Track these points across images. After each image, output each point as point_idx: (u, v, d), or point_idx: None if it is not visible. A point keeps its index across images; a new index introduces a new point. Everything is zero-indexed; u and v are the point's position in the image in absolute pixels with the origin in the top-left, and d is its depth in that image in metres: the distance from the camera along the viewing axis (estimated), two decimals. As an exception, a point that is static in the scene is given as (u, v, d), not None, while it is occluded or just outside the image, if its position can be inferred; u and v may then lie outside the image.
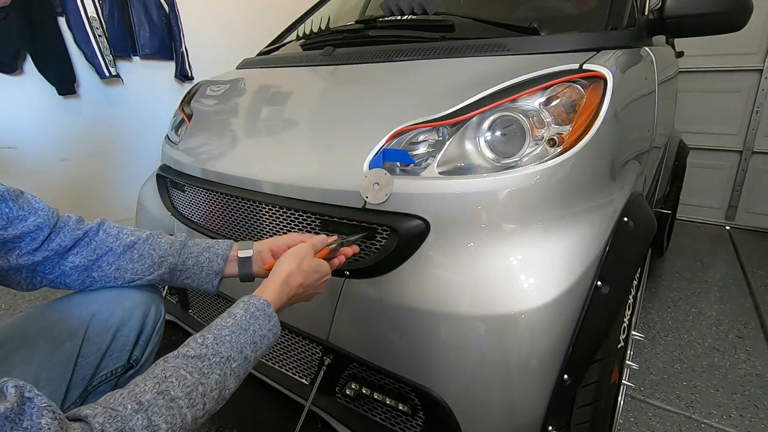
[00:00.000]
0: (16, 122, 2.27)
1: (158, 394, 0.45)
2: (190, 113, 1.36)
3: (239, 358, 0.53)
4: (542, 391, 0.74)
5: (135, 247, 0.71)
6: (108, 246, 0.69)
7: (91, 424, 0.39)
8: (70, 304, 0.70)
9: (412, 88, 0.98)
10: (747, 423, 1.29)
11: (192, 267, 0.74)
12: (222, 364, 0.51)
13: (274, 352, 1.04)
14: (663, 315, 1.90)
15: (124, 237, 0.71)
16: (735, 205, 3.00)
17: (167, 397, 0.45)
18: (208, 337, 0.52)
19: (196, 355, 0.50)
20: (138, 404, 0.43)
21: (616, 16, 1.06)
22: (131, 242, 0.71)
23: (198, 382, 0.48)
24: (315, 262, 0.68)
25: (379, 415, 0.89)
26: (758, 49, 2.73)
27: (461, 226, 0.76)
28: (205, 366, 0.50)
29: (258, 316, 0.57)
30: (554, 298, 0.71)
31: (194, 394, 0.48)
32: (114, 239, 0.70)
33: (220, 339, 0.53)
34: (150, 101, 2.77)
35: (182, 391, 0.47)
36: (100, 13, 2.38)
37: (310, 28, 1.45)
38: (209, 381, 0.49)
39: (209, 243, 0.76)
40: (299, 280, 0.64)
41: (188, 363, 0.49)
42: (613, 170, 0.89)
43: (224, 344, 0.53)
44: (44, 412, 0.36)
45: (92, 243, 0.68)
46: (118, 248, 0.70)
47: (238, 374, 0.54)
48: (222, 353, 0.52)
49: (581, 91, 0.82)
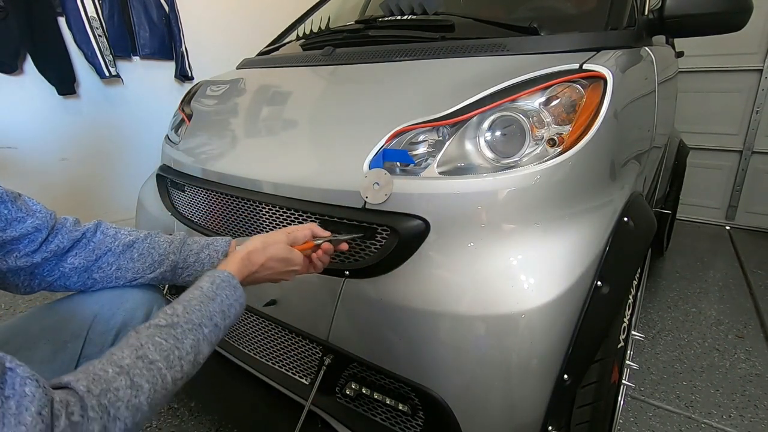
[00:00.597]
0: (16, 122, 2.27)
1: (137, 358, 0.47)
2: (190, 113, 1.36)
3: (210, 324, 0.56)
4: (542, 391, 0.74)
5: (134, 247, 0.71)
6: (107, 246, 0.69)
7: (75, 388, 0.40)
8: (71, 304, 0.70)
9: (412, 88, 0.98)
10: (747, 423, 1.29)
11: (193, 264, 0.74)
12: (194, 330, 0.54)
13: (274, 352, 1.04)
14: (663, 315, 1.90)
15: (123, 237, 0.71)
16: (735, 205, 3.00)
17: (146, 360, 0.47)
18: (178, 308, 0.55)
19: (168, 324, 0.52)
20: (119, 368, 0.45)
21: (616, 16, 1.06)
22: (130, 242, 0.71)
23: (174, 346, 0.50)
24: (285, 250, 0.69)
25: (379, 415, 0.89)
26: (758, 49, 2.73)
27: (461, 226, 0.76)
28: (178, 332, 0.52)
29: (224, 286, 0.60)
30: (554, 298, 0.71)
31: (171, 357, 0.50)
32: (112, 239, 0.70)
33: (190, 308, 0.55)
34: (150, 101, 2.77)
35: (160, 354, 0.49)
36: (100, 13, 2.38)
37: (310, 28, 1.45)
38: (184, 345, 0.52)
39: (208, 240, 0.77)
40: (261, 260, 0.66)
41: (161, 331, 0.51)
42: (613, 170, 0.89)
43: (194, 312, 0.55)
44: (27, 381, 0.36)
45: (90, 244, 0.68)
46: (117, 248, 0.70)
47: (211, 340, 0.56)
48: (193, 320, 0.54)
49: (581, 91, 0.82)
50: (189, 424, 1.25)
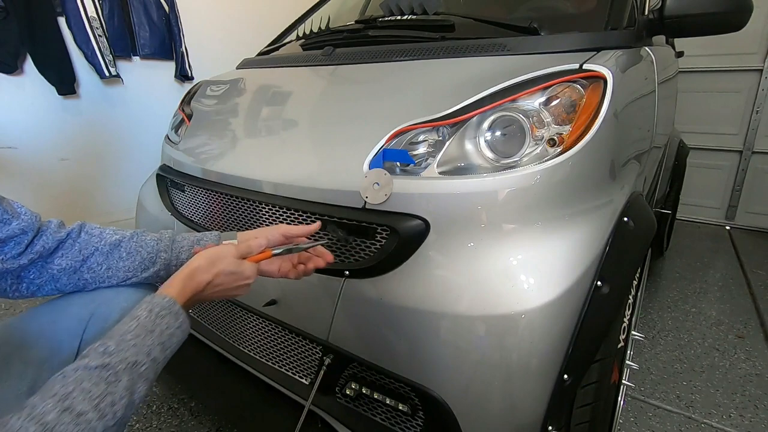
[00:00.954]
0: (16, 122, 2.27)
1: (62, 411, 0.42)
2: (190, 113, 1.36)
3: (147, 361, 0.51)
4: (542, 391, 0.74)
5: (121, 246, 0.71)
6: (93, 246, 0.69)
7: None
8: (67, 303, 0.70)
9: (412, 88, 0.98)
10: (747, 423, 1.29)
11: (186, 260, 0.74)
12: (129, 370, 0.49)
13: (274, 352, 1.04)
14: (663, 315, 1.90)
15: (108, 236, 0.71)
16: (735, 205, 3.00)
17: (73, 413, 0.42)
18: (110, 345, 0.49)
19: (99, 365, 0.47)
20: (42, 426, 0.40)
21: (616, 16, 1.06)
22: (116, 240, 0.71)
23: (105, 392, 0.46)
24: (233, 264, 0.65)
25: (379, 415, 0.89)
26: (758, 49, 2.73)
27: (461, 226, 0.76)
28: (110, 375, 0.47)
29: (163, 315, 0.55)
30: (554, 298, 0.71)
31: (102, 405, 0.45)
32: (98, 239, 0.70)
33: (124, 344, 0.50)
34: (150, 101, 2.77)
35: (89, 404, 0.44)
36: (100, 13, 2.38)
37: (310, 28, 1.45)
38: (117, 389, 0.47)
39: (197, 236, 0.77)
40: (206, 278, 0.62)
41: (91, 374, 0.46)
42: (613, 170, 0.89)
43: (129, 349, 0.50)
44: None
45: (76, 245, 0.68)
46: (104, 247, 0.70)
47: (148, 377, 0.51)
48: (128, 359, 0.49)
49: (581, 91, 0.82)
50: (189, 424, 1.25)
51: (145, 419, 1.26)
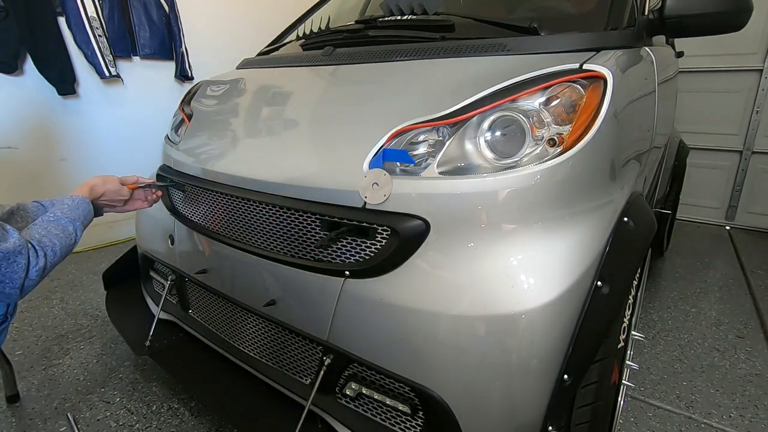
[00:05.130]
0: (16, 122, 2.27)
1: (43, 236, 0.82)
2: (190, 113, 1.36)
3: (80, 216, 0.92)
4: (542, 391, 0.74)
5: None
6: None
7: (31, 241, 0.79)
8: None
9: (412, 88, 0.98)
10: (747, 423, 1.30)
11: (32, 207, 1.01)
12: (73, 221, 0.89)
13: (274, 352, 1.04)
14: (663, 315, 1.90)
15: None
16: (735, 205, 3.00)
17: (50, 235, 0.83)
18: (56, 212, 0.89)
19: (53, 219, 0.87)
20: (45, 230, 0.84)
21: (616, 16, 1.06)
22: None
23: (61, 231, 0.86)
24: (117, 184, 1.05)
25: (379, 415, 0.89)
26: (758, 49, 2.73)
27: (461, 226, 0.76)
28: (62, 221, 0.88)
29: (80, 201, 0.94)
30: (554, 298, 0.71)
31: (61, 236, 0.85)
32: None
33: (63, 210, 0.90)
34: (150, 101, 2.77)
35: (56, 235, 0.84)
36: (100, 13, 2.38)
37: (310, 28, 1.45)
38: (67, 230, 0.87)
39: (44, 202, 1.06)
40: (100, 191, 1.02)
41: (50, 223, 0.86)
42: (613, 170, 0.89)
43: (70, 212, 0.90)
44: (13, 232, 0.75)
45: None
46: None
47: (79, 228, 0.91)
48: (68, 215, 0.89)
49: (581, 91, 0.82)
50: (189, 424, 1.25)
51: (146, 419, 1.26)
